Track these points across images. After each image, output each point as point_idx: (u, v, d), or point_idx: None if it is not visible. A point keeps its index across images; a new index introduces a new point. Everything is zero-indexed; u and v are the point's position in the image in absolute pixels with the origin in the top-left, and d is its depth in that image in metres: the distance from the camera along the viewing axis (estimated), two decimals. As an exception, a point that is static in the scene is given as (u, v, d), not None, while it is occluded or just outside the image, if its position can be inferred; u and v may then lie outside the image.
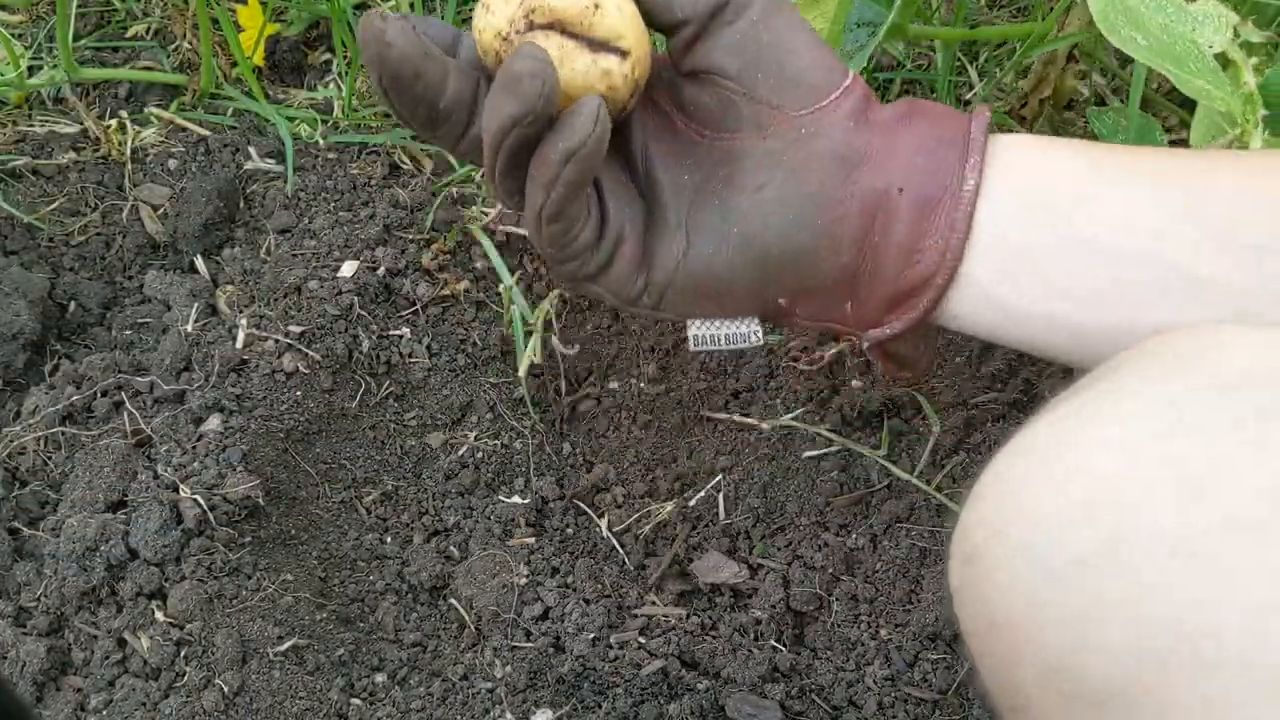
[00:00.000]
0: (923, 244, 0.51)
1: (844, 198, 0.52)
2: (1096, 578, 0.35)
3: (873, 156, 0.52)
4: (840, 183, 0.52)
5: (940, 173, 0.51)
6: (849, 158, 0.52)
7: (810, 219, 0.52)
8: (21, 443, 0.84)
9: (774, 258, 0.53)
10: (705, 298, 0.55)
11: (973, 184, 0.50)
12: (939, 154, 0.51)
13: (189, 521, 0.78)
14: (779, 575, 0.83)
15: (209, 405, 0.84)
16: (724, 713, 0.75)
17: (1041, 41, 0.90)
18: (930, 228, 0.51)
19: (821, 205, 0.52)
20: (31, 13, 1.17)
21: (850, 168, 0.52)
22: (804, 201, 0.52)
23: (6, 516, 0.81)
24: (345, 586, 0.85)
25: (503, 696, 0.77)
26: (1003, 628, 0.38)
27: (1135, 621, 0.34)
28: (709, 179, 0.54)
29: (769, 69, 0.53)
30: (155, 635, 0.75)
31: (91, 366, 0.87)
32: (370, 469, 0.90)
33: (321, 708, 0.75)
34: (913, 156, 0.52)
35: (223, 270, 0.96)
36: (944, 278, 0.51)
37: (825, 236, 0.52)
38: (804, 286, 0.54)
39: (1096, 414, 0.38)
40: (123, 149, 1.05)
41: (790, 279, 0.54)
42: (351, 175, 1.03)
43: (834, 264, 0.53)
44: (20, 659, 0.73)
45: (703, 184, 0.55)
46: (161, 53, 1.14)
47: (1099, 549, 0.35)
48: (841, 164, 0.52)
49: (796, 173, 0.52)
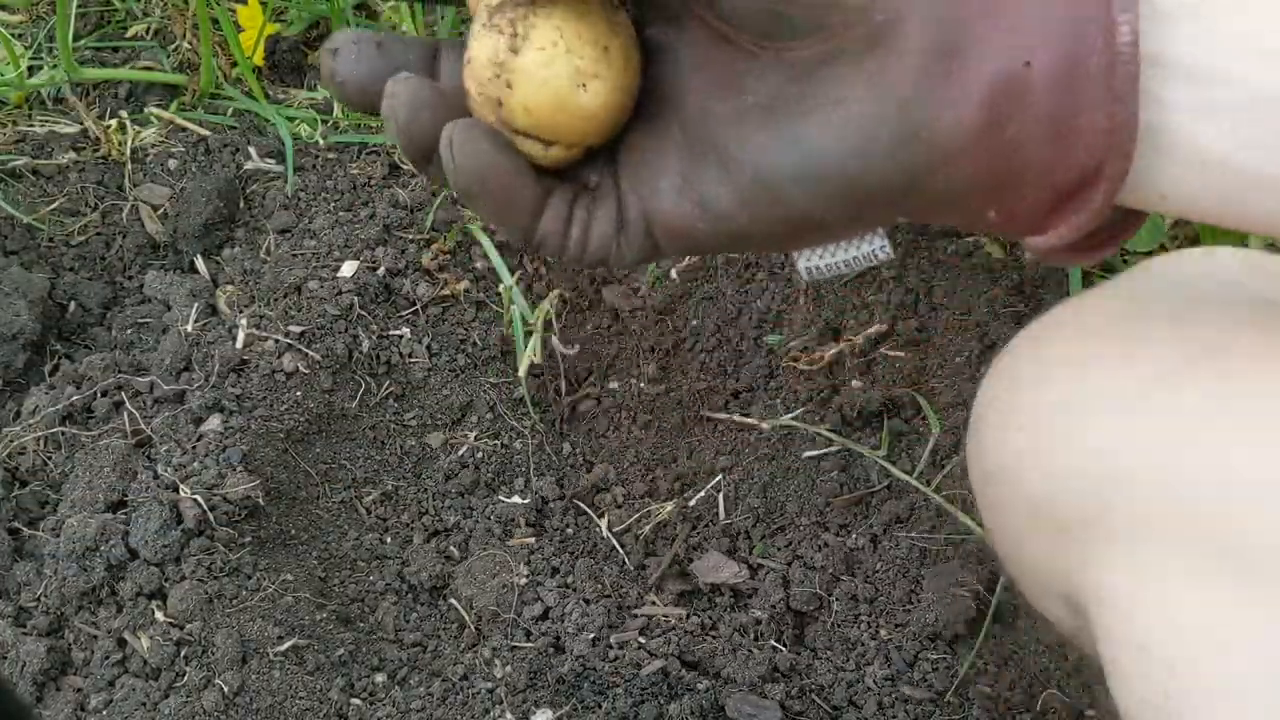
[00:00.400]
0: (1077, 123, 0.39)
1: (951, 97, 0.40)
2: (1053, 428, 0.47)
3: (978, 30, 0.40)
4: (941, 79, 0.40)
5: (1079, 24, 0.38)
6: (943, 44, 0.40)
7: (908, 132, 0.41)
8: (21, 443, 0.84)
9: (870, 186, 0.42)
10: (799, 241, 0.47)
11: (1129, 31, 0.38)
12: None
13: (189, 521, 0.78)
14: (779, 575, 0.83)
15: (209, 405, 0.84)
16: (724, 713, 0.75)
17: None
18: (1083, 102, 0.39)
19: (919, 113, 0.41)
20: (31, 13, 1.17)
21: (949, 57, 0.40)
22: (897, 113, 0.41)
23: (6, 516, 0.81)
24: (345, 586, 0.85)
25: (503, 696, 0.77)
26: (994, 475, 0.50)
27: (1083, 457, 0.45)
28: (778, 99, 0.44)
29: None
30: (155, 635, 0.75)
31: (91, 366, 0.87)
32: (370, 469, 0.90)
33: (321, 708, 0.75)
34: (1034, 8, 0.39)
35: (223, 270, 0.96)
36: (1117, 165, 0.39)
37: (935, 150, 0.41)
38: (924, 206, 0.44)
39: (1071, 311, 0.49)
40: (123, 149, 1.05)
41: (904, 203, 0.43)
42: (351, 175, 1.04)
43: (955, 178, 0.42)
44: (20, 659, 0.73)
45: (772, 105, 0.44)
46: (161, 53, 1.14)
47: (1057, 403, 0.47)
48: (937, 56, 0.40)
49: (877, 78, 0.41)
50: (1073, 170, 0.40)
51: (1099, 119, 0.39)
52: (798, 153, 0.43)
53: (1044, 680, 0.76)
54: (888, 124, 0.41)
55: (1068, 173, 0.40)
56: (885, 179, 0.42)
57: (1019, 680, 0.77)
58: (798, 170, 0.43)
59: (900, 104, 0.41)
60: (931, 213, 0.44)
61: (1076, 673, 0.77)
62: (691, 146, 0.46)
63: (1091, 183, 0.40)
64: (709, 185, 0.45)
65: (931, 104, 0.41)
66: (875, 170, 0.42)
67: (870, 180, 0.42)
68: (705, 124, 0.45)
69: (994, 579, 0.79)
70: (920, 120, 0.41)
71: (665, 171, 0.46)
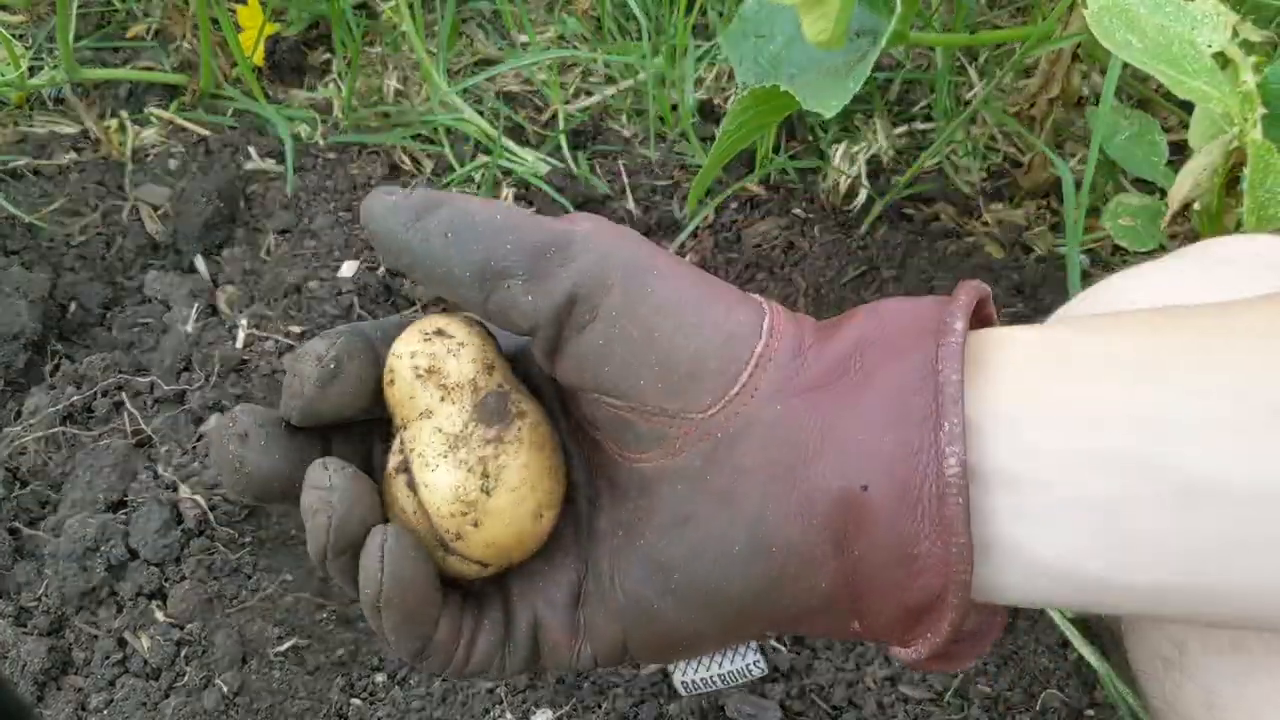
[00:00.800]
0: (917, 549, 0.38)
1: (798, 510, 0.40)
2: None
3: (818, 445, 0.40)
4: (786, 494, 0.40)
5: (912, 451, 0.38)
6: (786, 457, 0.40)
7: (761, 549, 0.40)
8: (22, 443, 0.84)
9: (733, 600, 0.42)
10: (674, 655, 0.45)
11: (956, 463, 0.37)
12: (902, 423, 0.38)
13: (189, 521, 0.78)
14: (779, 575, 0.83)
15: (209, 405, 0.84)
16: (724, 713, 0.75)
17: (1042, 42, 0.90)
18: (920, 529, 0.38)
19: (768, 530, 0.40)
20: (32, 13, 1.17)
21: (791, 469, 0.40)
22: (745, 530, 0.41)
23: (7, 516, 0.81)
24: (345, 586, 0.85)
25: (503, 696, 0.77)
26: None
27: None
28: (634, 513, 0.44)
29: (649, 370, 0.41)
30: (155, 635, 0.75)
31: (92, 366, 0.87)
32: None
33: (321, 708, 0.75)
34: (869, 435, 0.39)
35: (223, 270, 0.96)
36: (957, 594, 0.38)
37: (786, 564, 0.40)
38: (787, 617, 0.43)
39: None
40: (123, 149, 1.05)
41: (766, 615, 0.42)
42: (351, 175, 1.04)
43: (812, 590, 0.41)
44: (21, 659, 0.73)
45: (627, 520, 0.44)
46: (161, 53, 1.14)
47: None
48: (778, 470, 0.40)
49: (726, 497, 0.41)
50: (918, 592, 0.39)
51: (936, 547, 0.38)
52: (660, 572, 0.42)
53: (1044, 680, 0.76)
54: (738, 541, 0.41)
55: (915, 594, 0.39)
56: (744, 591, 0.41)
57: (1019, 680, 0.77)
58: (661, 588, 0.43)
59: (749, 522, 0.41)
60: (800, 622, 0.43)
61: (1076, 673, 0.77)
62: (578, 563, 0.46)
63: (938, 606, 0.39)
64: (590, 606, 0.45)
65: (778, 520, 0.40)
66: (734, 584, 0.41)
67: (730, 593, 0.42)
68: (590, 540, 0.46)
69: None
70: (769, 536, 0.40)
71: (558, 585, 0.46)
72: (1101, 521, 0.37)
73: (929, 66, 1.10)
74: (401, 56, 1.17)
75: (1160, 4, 0.54)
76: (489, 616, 0.44)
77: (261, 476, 0.43)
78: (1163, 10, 0.54)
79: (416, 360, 0.44)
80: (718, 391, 0.41)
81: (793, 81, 0.80)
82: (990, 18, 1.14)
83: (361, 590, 0.40)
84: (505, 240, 0.42)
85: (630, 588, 0.43)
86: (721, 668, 0.48)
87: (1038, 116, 0.99)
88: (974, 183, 1.07)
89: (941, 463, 0.37)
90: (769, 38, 0.90)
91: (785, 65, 0.88)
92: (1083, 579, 0.38)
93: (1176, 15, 0.54)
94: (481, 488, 0.42)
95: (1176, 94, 0.52)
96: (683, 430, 0.41)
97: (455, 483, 0.42)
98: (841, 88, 0.72)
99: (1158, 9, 0.53)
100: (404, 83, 1.14)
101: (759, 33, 0.91)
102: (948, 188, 1.06)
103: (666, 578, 0.42)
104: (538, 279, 0.41)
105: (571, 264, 0.41)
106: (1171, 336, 0.39)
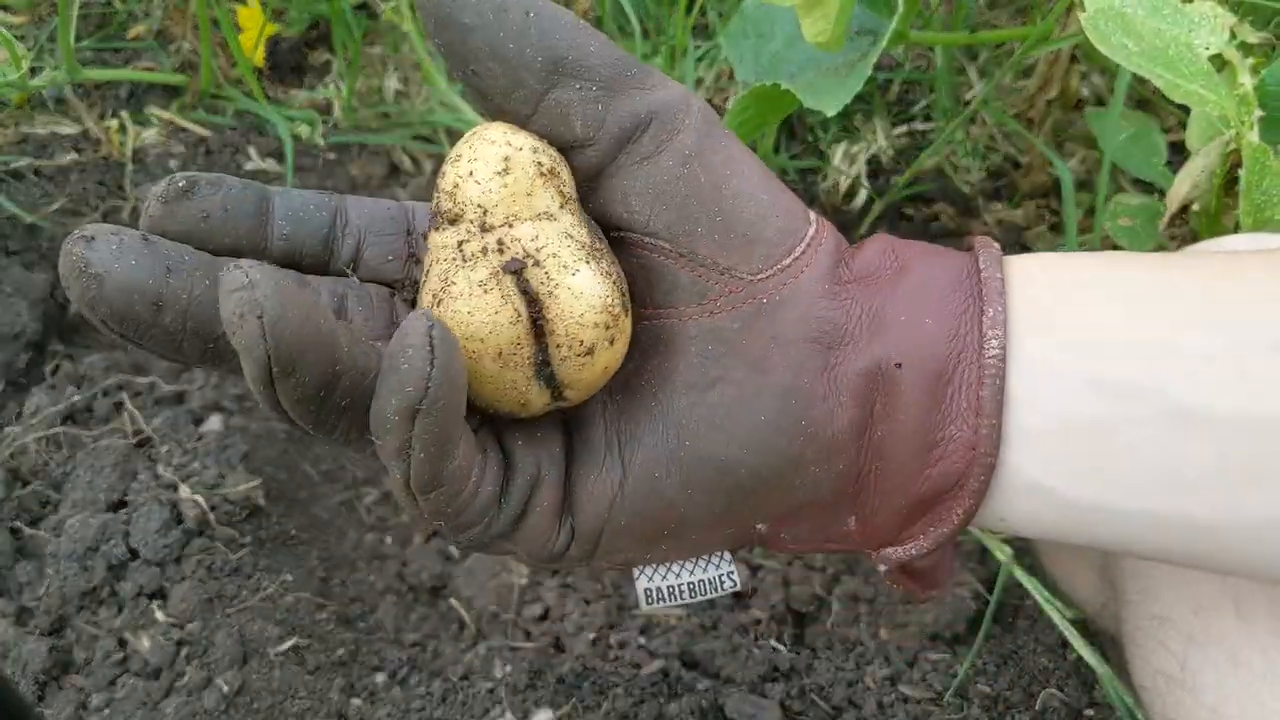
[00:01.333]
0: (942, 434, 0.39)
1: (827, 390, 0.40)
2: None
3: (857, 328, 0.40)
4: (819, 370, 0.40)
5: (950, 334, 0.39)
6: (826, 336, 0.40)
7: (786, 422, 0.40)
8: (23, 443, 0.84)
9: (743, 478, 0.40)
10: (652, 539, 0.42)
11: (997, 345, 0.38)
12: (943, 303, 0.39)
13: (189, 521, 0.78)
14: (779, 575, 0.83)
15: (209, 405, 0.85)
16: (724, 713, 0.75)
17: (1042, 43, 0.90)
18: (950, 412, 0.39)
19: (798, 403, 0.40)
20: (33, 14, 1.17)
21: (829, 349, 0.40)
22: (775, 401, 0.40)
23: (8, 516, 0.81)
24: (345, 586, 0.85)
25: (503, 696, 0.77)
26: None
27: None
28: (639, 373, 0.42)
29: (709, 220, 0.40)
30: (156, 635, 0.75)
31: (92, 366, 0.88)
32: (370, 469, 0.90)
33: (321, 708, 0.75)
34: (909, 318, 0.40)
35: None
36: (979, 479, 0.39)
37: (809, 442, 0.40)
38: (790, 506, 0.42)
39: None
40: (123, 149, 1.05)
41: (771, 500, 0.41)
42: (351, 175, 1.04)
43: (826, 474, 0.41)
44: (22, 658, 0.73)
45: (633, 382, 0.42)
46: (162, 54, 1.14)
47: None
48: (817, 346, 0.40)
49: (759, 364, 0.40)
50: (935, 480, 0.39)
51: (963, 431, 0.38)
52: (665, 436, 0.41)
53: (1044, 680, 0.76)
54: (766, 411, 0.40)
55: (931, 482, 0.40)
56: (758, 467, 0.40)
57: (1019, 680, 0.77)
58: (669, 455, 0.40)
59: (780, 392, 0.40)
60: (792, 517, 0.42)
61: (1076, 673, 0.77)
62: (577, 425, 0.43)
63: (953, 495, 0.40)
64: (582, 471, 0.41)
65: (810, 394, 0.40)
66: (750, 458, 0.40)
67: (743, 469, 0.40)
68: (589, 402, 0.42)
69: (994, 579, 0.79)
70: (799, 409, 0.40)
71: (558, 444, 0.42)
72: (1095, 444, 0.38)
73: (929, 66, 1.10)
74: (401, 56, 1.17)
75: (1158, 7, 0.53)
76: (492, 462, 0.40)
77: (116, 283, 0.35)
78: (1160, 13, 0.54)
79: (539, 157, 0.39)
80: (772, 258, 0.40)
81: (793, 80, 0.80)
82: (990, 18, 1.14)
83: (394, 392, 0.33)
84: (590, 42, 0.39)
85: (632, 455, 0.41)
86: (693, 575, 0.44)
87: (1036, 118, 0.99)
88: (974, 183, 1.07)
89: (982, 345, 0.38)
90: (769, 37, 0.90)
91: (785, 65, 0.88)
92: (1075, 502, 0.39)
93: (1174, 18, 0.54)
94: (623, 305, 0.39)
95: (1172, 98, 0.52)
96: (728, 288, 0.40)
97: (605, 290, 0.39)
98: (842, 87, 0.72)
99: (1155, 12, 0.53)
100: (404, 83, 1.14)
101: (759, 32, 0.91)
102: (948, 188, 1.06)
103: (678, 444, 0.40)
104: (614, 91, 0.39)
105: (653, 92, 0.40)
106: (1182, 273, 0.40)
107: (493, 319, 0.38)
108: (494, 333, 0.38)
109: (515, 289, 0.38)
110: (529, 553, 0.41)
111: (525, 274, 0.38)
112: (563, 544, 0.41)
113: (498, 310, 0.38)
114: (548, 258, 0.38)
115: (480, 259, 0.38)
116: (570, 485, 0.41)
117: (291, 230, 0.41)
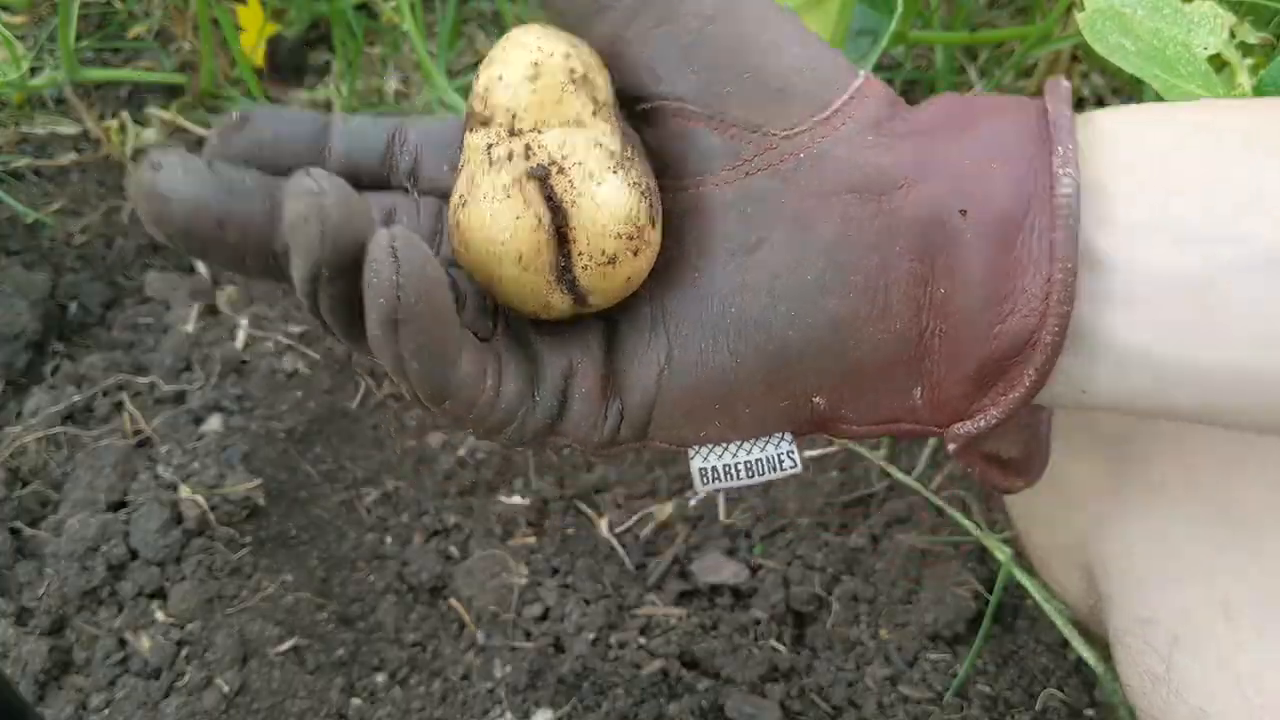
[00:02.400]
0: (1012, 284, 0.35)
1: (880, 240, 0.37)
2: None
3: (910, 175, 0.37)
4: (869, 220, 0.37)
5: (1018, 176, 0.35)
6: (874, 184, 0.37)
7: (834, 279, 0.37)
8: (23, 443, 0.84)
9: (792, 340, 0.38)
10: (706, 415, 0.41)
11: (1071, 184, 0.34)
12: (1010, 150, 0.36)
13: (189, 521, 0.78)
14: (779, 575, 0.83)
15: (209, 405, 0.85)
16: (724, 713, 0.75)
17: (1042, 43, 0.90)
18: (1020, 260, 0.35)
19: (847, 256, 0.37)
20: (33, 14, 1.17)
21: (879, 195, 0.37)
22: (820, 257, 0.37)
23: (8, 516, 0.81)
24: (345, 586, 0.85)
25: (503, 696, 0.77)
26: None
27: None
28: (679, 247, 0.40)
29: (738, 80, 0.38)
30: (156, 635, 0.75)
31: (92, 366, 0.88)
32: (370, 469, 0.90)
33: (321, 708, 0.75)
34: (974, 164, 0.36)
35: (223, 270, 0.97)
36: (1053, 332, 0.35)
37: (861, 297, 0.37)
38: (846, 373, 0.39)
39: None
40: (124, 149, 1.05)
41: (825, 366, 0.39)
42: (352, 176, 1.04)
43: (884, 334, 0.38)
44: (22, 658, 0.73)
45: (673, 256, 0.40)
46: (162, 53, 1.14)
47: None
48: (865, 194, 0.37)
49: (801, 221, 0.38)
50: (1006, 339, 0.36)
51: (1035, 282, 0.35)
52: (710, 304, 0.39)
53: (1044, 680, 0.76)
54: (813, 269, 0.38)
55: (1001, 342, 0.36)
56: (810, 329, 0.38)
57: (1019, 680, 0.77)
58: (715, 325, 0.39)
59: (826, 246, 0.37)
60: (852, 389, 0.40)
61: (1076, 672, 0.77)
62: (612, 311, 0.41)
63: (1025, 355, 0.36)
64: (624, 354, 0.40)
65: (860, 247, 0.37)
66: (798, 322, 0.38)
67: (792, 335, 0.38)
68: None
69: (994, 579, 0.79)
70: (849, 264, 0.37)
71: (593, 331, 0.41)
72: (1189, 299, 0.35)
73: (929, 66, 1.10)
74: (402, 56, 1.17)
75: (1158, 7, 0.53)
76: (510, 361, 0.39)
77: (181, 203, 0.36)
78: (1159, 13, 0.53)
79: (572, 62, 0.38)
80: (807, 112, 0.38)
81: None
82: (990, 18, 1.14)
83: (371, 305, 0.33)
84: None
85: (676, 328, 0.39)
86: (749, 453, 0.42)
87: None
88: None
89: (1055, 185, 0.35)
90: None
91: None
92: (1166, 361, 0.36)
93: (1173, 18, 0.54)
94: (650, 217, 0.39)
95: (1169, 99, 0.51)
96: (762, 148, 0.38)
97: (630, 202, 0.38)
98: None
99: (1154, 12, 0.53)
100: (404, 83, 1.14)
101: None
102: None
103: (722, 312, 0.39)
104: None
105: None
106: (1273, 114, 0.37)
107: (514, 223, 0.37)
108: (515, 236, 0.37)
109: (539, 195, 0.38)
110: (579, 440, 0.40)
111: (550, 180, 0.37)
112: (612, 426, 0.40)
113: (519, 215, 0.37)
114: (573, 166, 0.37)
115: (506, 164, 0.38)
116: (614, 365, 0.40)
117: (348, 148, 0.41)
